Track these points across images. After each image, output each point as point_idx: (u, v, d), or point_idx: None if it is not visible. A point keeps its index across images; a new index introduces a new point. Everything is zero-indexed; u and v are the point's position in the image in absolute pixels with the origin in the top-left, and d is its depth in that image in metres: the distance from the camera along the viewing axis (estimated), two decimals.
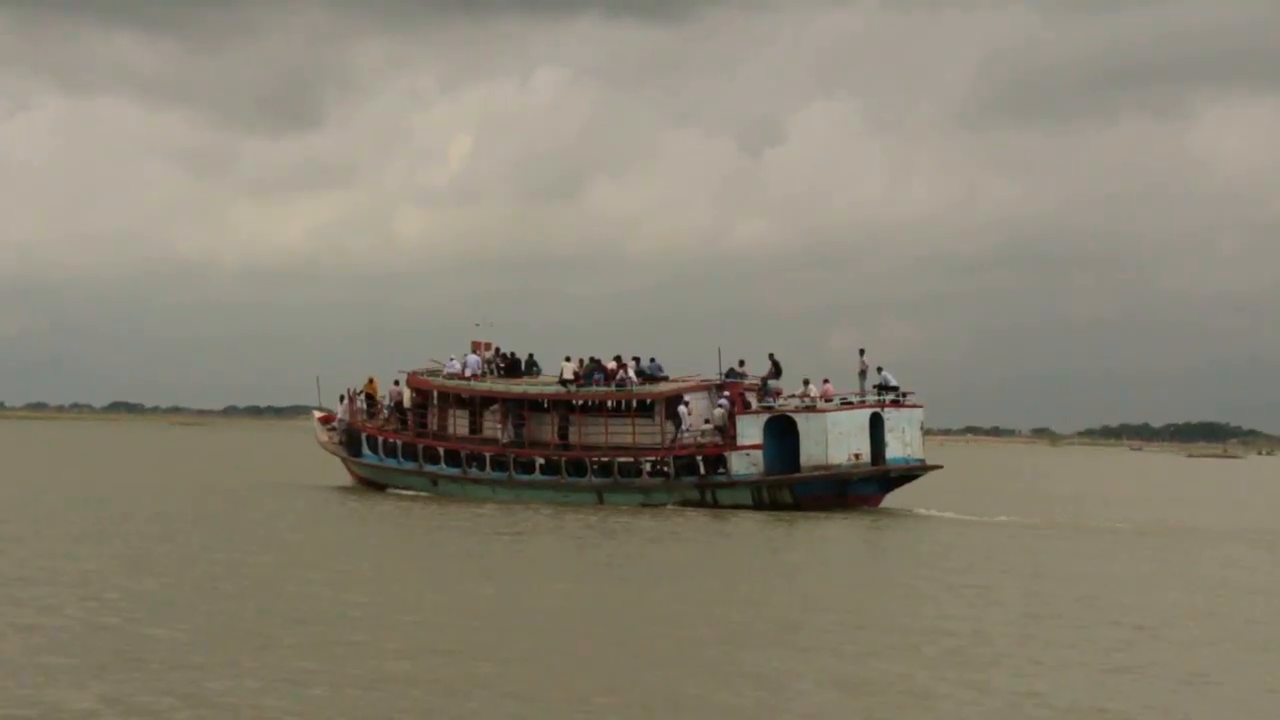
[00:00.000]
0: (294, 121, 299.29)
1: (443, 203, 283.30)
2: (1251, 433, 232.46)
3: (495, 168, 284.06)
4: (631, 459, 45.39)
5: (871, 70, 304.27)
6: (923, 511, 43.49)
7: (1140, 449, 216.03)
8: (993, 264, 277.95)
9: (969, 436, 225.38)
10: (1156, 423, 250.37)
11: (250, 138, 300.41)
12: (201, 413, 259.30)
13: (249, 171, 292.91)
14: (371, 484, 49.70)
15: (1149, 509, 53.91)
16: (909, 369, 45.68)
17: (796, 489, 43.60)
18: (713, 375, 45.88)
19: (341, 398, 50.95)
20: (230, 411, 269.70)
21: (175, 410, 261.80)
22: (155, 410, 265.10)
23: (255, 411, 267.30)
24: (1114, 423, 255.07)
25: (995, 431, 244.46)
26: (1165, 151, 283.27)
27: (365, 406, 50.24)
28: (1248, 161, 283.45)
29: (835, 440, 43.48)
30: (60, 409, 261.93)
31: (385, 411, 49.83)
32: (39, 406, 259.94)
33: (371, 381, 50.27)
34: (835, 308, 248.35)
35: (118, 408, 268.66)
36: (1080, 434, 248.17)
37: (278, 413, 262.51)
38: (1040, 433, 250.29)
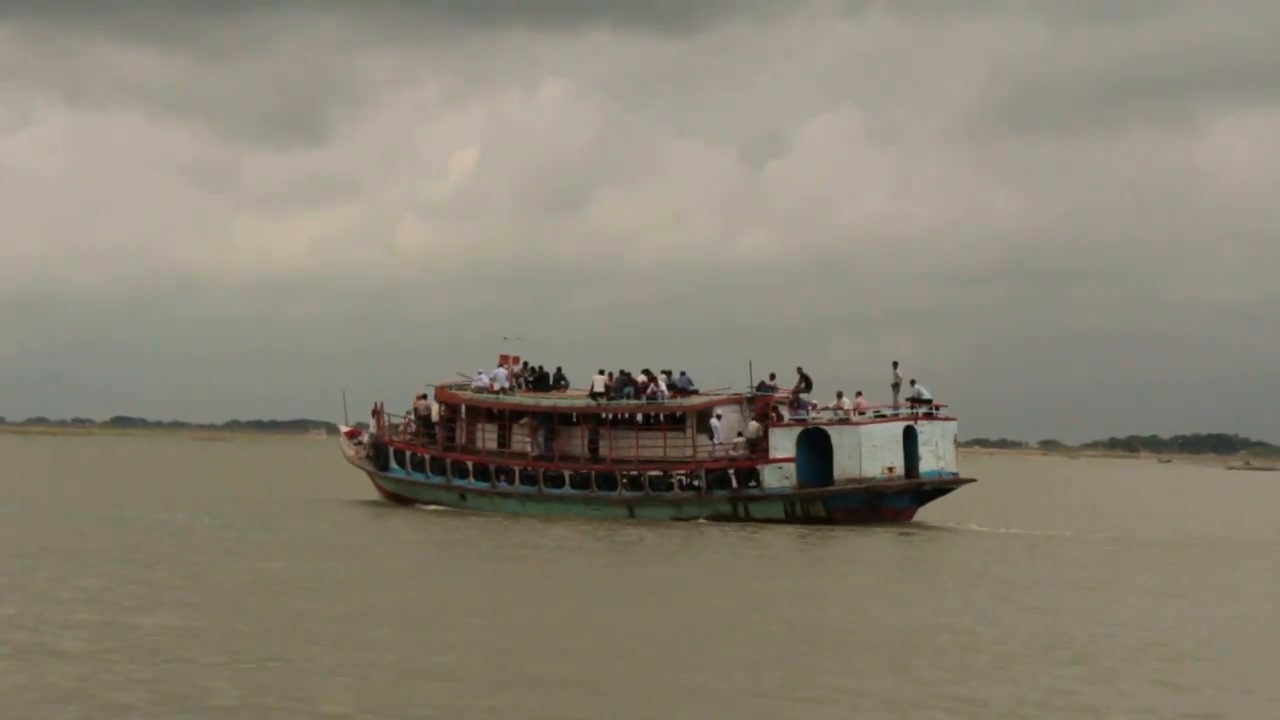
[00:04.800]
0: (300, 135, 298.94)
1: (447, 216, 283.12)
2: (1259, 444, 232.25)
3: (500, 181, 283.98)
4: (662, 472, 45.14)
5: (878, 82, 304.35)
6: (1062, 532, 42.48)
7: (1169, 461, 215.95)
8: (997, 276, 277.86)
9: (977, 449, 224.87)
10: (1164, 435, 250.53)
11: (256, 152, 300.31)
12: (204, 427, 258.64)
13: (254, 185, 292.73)
14: (399, 499, 49.39)
15: None
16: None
17: (829, 502, 43.34)
18: (743, 389, 45.65)
19: (373, 412, 50.64)
20: (233, 426, 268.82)
21: (178, 425, 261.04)
22: (158, 425, 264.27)
23: (259, 426, 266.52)
24: (1120, 435, 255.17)
25: (1002, 444, 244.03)
26: (1172, 164, 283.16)
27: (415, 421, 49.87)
28: (1255, 174, 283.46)
29: (869, 453, 43.24)
30: (62, 424, 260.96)
31: (413, 425, 49.57)
32: (39, 421, 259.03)
33: (423, 397, 49.88)
34: (838, 320, 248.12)
35: (120, 422, 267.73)
36: (1088, 446, 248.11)
37: (281, 427, 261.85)
38: (1048, 445, 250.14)
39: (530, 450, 46.94)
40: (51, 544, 31.55)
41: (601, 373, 46.66)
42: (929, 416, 44.39)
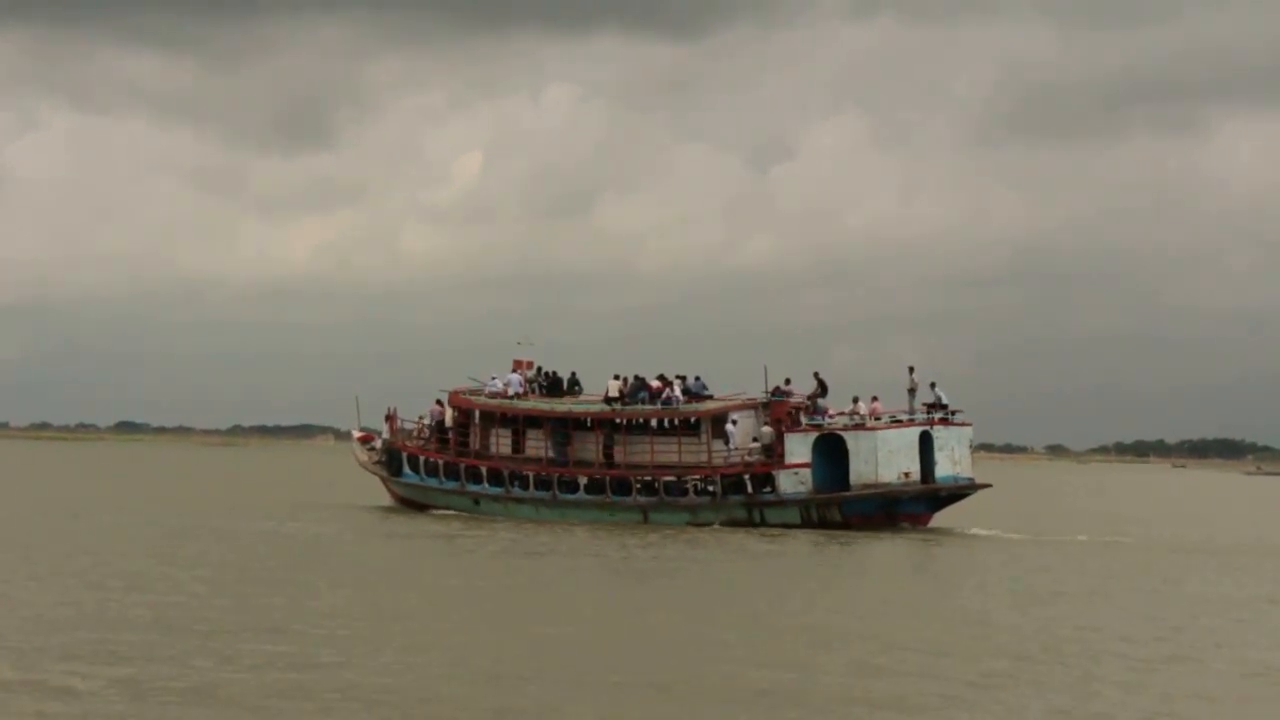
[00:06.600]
0: (305, 140, 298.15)
1: (452, 220, 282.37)
2: (1266, 449, 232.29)
3: (505, 185, 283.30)
4: (677, 478, 44.97)
5: (884, 86, 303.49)
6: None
7: (1184, 466, 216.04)
8: (1003, 280, 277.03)
9: (983, 454, 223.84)
10: (1171, 439, 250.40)
11: (261, 156, 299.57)
12: (208, 432, 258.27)
13: (259, 190, 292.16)
14: (412, 504, 49.28)
15: None
16: None
17: (845, 508, 43.18)
18: (758, 394, 45.49)
19: (386, 417, 50.51)
20: (237, 430, 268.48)
21: (183, 430, 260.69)
22: (161, 430, 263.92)
23: (264, 430, 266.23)
24: (1127, 439, 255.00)
25: (1008, 449, 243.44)
26: (1177, 168, 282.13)
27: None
28: (1260, 178, 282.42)
29: (885, 458, 43.10)
30: (66, 429, 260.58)
31: (427, 430, 49.45)
32: (43, 426, 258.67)
33: (439, 403, 49.67)
34: (843, 324, 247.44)
35: (124, 427, 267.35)
36: (1095, 451, 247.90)
37: (286, 432, 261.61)
38: (1055, 450, 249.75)
39: (545, 455, 46.79)
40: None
41: (616, 378, 46.58)
42: (945, 422, 44.24)
